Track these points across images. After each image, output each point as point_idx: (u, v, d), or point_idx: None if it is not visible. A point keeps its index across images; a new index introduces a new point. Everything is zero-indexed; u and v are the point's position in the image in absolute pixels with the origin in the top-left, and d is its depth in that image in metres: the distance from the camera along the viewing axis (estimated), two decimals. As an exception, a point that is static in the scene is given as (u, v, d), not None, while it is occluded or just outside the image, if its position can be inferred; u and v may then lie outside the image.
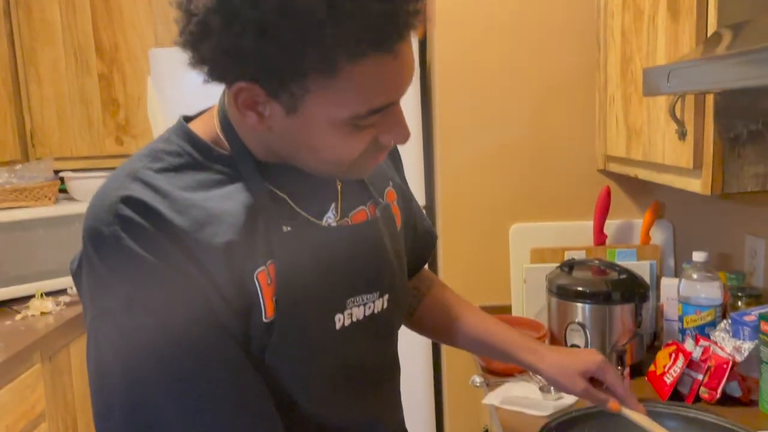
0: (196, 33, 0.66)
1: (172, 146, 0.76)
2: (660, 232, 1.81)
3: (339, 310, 0.81)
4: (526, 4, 1.78)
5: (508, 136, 1.83)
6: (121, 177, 0.73)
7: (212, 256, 0.71)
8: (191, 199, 0.72)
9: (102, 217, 0.70)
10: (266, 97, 0.68)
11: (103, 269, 0.70)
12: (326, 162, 0.75)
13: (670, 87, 1.01)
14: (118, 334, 0.70)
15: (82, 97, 2.52)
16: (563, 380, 0.99)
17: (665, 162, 1.33)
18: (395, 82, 0.70)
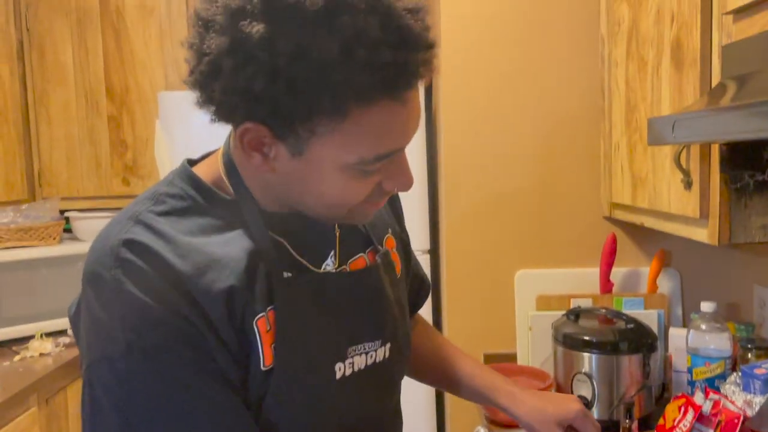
0: (207, 73, 0.66)
1: (175, 189, 0.76)
2: (667, 280, 1.79)
3: (340, 358, 0.80)
4: (531, 52, 1.80)
5: (513, 182, 1.83)
6: (124, 220, 0.72)
7: (213, 302, 0.70)
8: (193, 244, 0.71)
9: (103, 260, 0.69)
10: (272, 139, 0.68)
11: (103, 314, 0.69)
12: (329, 206, 0.74)
13: (675, 137, 1.01)
14: (115, 380, 0.68)
15: (92, 138, 2.54)
16: (540, 427, 0.97)
17: (671, 211, 1.32)
18: (402, 129, 0.70)
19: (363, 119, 0.66)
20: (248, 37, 0.62)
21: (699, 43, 1.17)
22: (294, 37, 0.62)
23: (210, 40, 0.65)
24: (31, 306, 2.31)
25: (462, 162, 1.84)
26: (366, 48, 0.62)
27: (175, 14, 2.51)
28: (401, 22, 0.64)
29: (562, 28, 1.79)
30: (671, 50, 1.29)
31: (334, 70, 0.62)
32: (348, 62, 0.62)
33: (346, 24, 0.62)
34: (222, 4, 0.65)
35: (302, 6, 0.62)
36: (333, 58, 0.62)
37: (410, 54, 0.65)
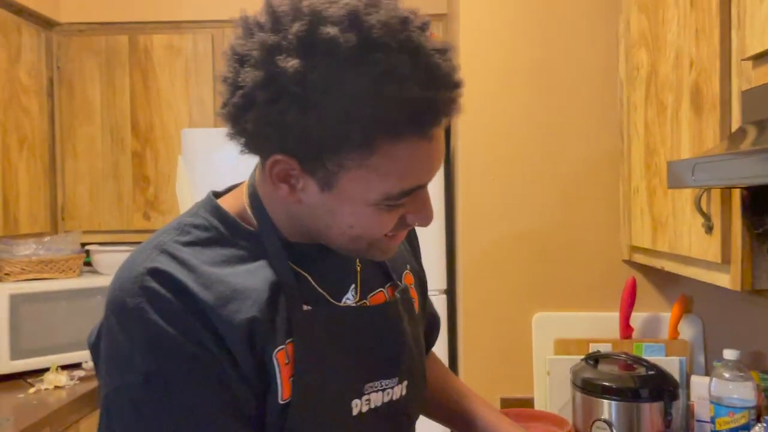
0: (241, 105, 0.68)
1: (199, 220, 0.77)
2: (689, 326, 1.76)
3: (356, 395, 0.79)
4: (550, 95, 1.81)
5: (531, 224, 1.83)
6: (149, 249, 0.73)
7: (234, 333, 0.70)
8: (217, 274, 0.72)
9: (127, 288, 0.70)
10: (300, 171, 0.70)
11: (124, 341, 0.69)
12: (353, 238, 0.75)
13: (696, 180, 1.00)
14: (133, 408, 0.69)
15: (115, 173, 2.59)
16: None
17: (692, 255, 1.30)
18: (427, 165, 0.72)
19: (390, 154, 0.67)
20: (283, 72, 0.64)
21: (718, 88, 1.17)
22: (327, 72, 0.64)
23: (245, 73, 0.67)
24: (48, 338, 2.32)
25: (480, 202, 1.84)
26: (396, 84, 0.64)
27: (201, 55, 2.58)
28: (430, 61, 0.66)
29: (581, 72, 1.80)
30: (690, 95, 1.30)
31: (364, 105, 0.64)
32: (378, 97, 0.64)
33: (378, 61, 0.64)
34: (258, 40, 0.67)
35: (337, 43, 0.64)
36: (363, 93, 0.64)
37: (438, 92, 0.67)
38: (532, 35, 1.82)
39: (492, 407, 1.08)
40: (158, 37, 2.58)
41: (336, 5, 0.65)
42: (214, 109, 2.58)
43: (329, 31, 0.64)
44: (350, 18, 0.65)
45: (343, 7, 0.65)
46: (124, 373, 0.69)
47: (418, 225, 0.77)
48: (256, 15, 0.70)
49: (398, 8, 0.67)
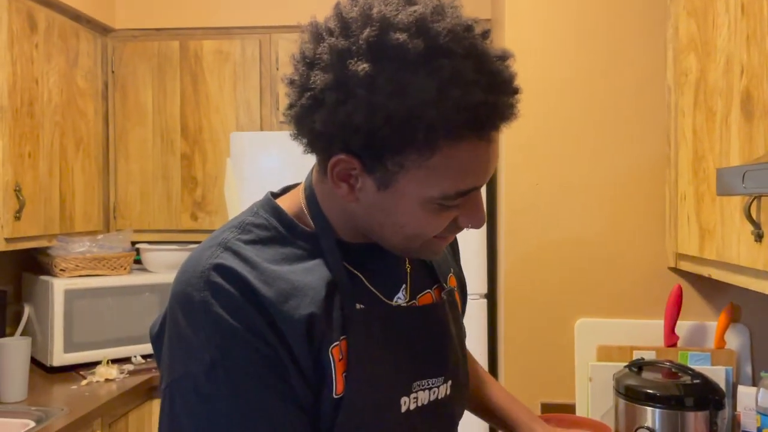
0: (309, 106, 0.71)
1: (260, 220, 0.80)
2: (735, 336, 1.73)
3: (405, 392, 0.81)
4: (597, 99, 1.81)
5: (574, 230, 1.82)
6: (213, 246, 0.76)
7: (294, 328, 0.73)
8: (277, 272, 0.75)
9: (193, 282, 0.73)
10: (361, 171, 0.72)
11: (189, 332, 0.72)
12: (406, 237, 0.77)
13: (746, 188, 1.00)
14: (196, 397, 0.71)
15: (165, 174, 2.67)
16: None
17: (740, 263, 1.29)
18: (484, 167, 0.74)
19: (450, 155, 0.70)
20: (353, 75, 0.67)
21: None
22: (395, 76, 0.67)
23: (315, 76, 0.70)
24: (99, 333, 2.40)
25: (523, 206, 1.84)
26: (461, 88, 0.66)
27: (249, 60, 2.64)
28: (492, 67, 0.69)
29: (629, 77, 1.79)
30: (741, 101, 1.28)
31: (430, 108, 0.66)
32: (443, 101, 0.66)
33: (444, 66, 0.66)
34: (329, 45, 0.70)
35: (405, 48, 0.67)
36: (430, 97, 0.66)
37: (499, 97, 0.70)
38: (579, 41, 1.81)
39: (511, 396, 1.13)
40: (208, 42, 2.65)
41: (404, 12, 0.68)
42: (260, 113, 2.64)
43: (398, 37, 0.66)
44: (418, 25, 0.67)
45: (411, 15, 0.68)
46: (189, 363, 0.72)
47: (470, 227, 0.79)
48: (326, 21, 0.73)
49: (462, 16, 0.70)
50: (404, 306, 0.84)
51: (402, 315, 0.83)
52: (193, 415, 0.71)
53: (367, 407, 0.77)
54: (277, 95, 2.62)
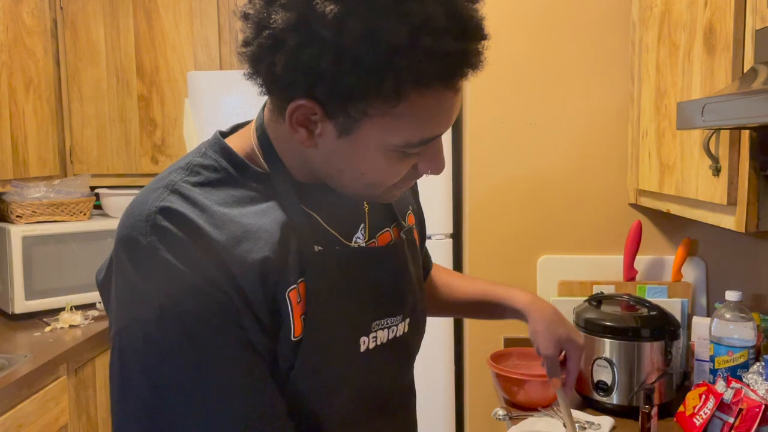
0: (268, 46, 0.67)
1: (208, 161, 0.76)
2: (692, 269, 1.78)
3: (365, 332, 0.81)
4: (561, 38, 1.79)
5: (538, 167, 1.83)
6: (159, 188, 0.73)
7: (247, 273, 0.70)
8: (228, 214, 0.72)
9: (139, 226, 0.70)
10: (323, 116, 0.69)
11: (137, 279, 0.70)
12: (365, 185, 0.75)
13: (705, 121, 1.00)
14: (146, 344, 0.69)
15: (122, 116, 2.59)
16: (542, 338, 1.04)
17: (698, 197, 1.31)
18: (448, 116, 0.72)
19: (416, 104, 0.67)
20: (320, 15, 0.63)
21: (732, 27, 1.15)
22: (364, 20, 0.63)
23: (275, 13, 0.66)
24: (61, 279, 2.37)
25: (487, 147, 1.83)
26: (431, 36, 0.64)
27: (206, -5, 2.53)
28: (464, 12, 0.66)
29: (593, 12, 1.77)
30: (704, 35, 1.28)
31: (400, 55, 0.63)
32: (414, 49, 0.63)
33: (415, 11, 0.63)
34: None
35: None
36: (400, 44, 0.63)
37: (469, 44, 0.67)
38: (544, -26, 1.77)
39: (476, 281, 1.17)
40: (161, -24, 2.53)
41: None
42: (219, 52, 2.55)
43: None
44: None
45: None
46: (138, 309, 0.69)
47: (430, 174, 0.77)
48: None
49: None
50: (363, 246, 0.83)
51: (361, 256, 0.83)
52: (143, 364, 0.69)
53: (326, 349, 0.77)
54: (237, 32, 2.53)
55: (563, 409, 1.09)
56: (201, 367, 0.69)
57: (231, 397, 0.70)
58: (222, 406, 0.69)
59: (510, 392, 1.51)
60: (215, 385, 0.70)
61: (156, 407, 0.69)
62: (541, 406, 1.46)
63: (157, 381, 0.69)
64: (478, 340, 1.86)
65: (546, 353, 1.05)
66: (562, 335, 1.04)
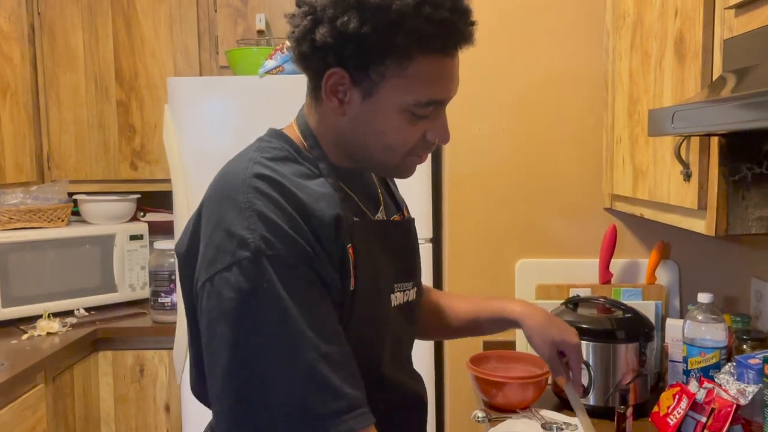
0: (309, 27, 0.85)
1: (273, 144, 0.91)
2: (666, 272, 1.82)
3: (392, 290, 0.96)
4: (536, 43, 1.82)
5: (515, 173, 1.86)
6: (245, 161, 0.87)
7: (325, 228, 0.83)
8: (301, 182, 0.86)
9: (236, 188, 0.83)
10: (350, 84, 0.86)
11: (236, 228, 0.80)
12: (386, 147, 0.90)
13: (675, 128, 1.03)
14: (241, 279, 0.78)
15: (100, 122, 2.57)
16: (537, 343, 1.14)
17: (670, 202, 1.34)
18: (449, 82, 0.89)
19: (422, 66, 0.84)
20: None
21: (701, 36, 1.19)
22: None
23: (315, 2, 0.84)
24: (38, 286, 2.34)
25: (465, 152, 1.86)
26: (431, 6, 0.82)
27: (186, 1, 2.53)
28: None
29: (568, 20, 1.81)
30: (674, 44, 1.31)
31: (408, 20, 0.81)
32: (418, 15, 0.81)
33: None
34: None
35: None
36: (408, 11, 0.81)
37: (461, 18, 0.85)
38: (520, -17, 1.80)
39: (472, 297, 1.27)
40: (140, -18, 2.52)
41: None
42: (199, 58, 2.55)
43: None
44: None
45: None
46: (235, 251, 0.79)
47: (438, 142, 0.92)
48: None
49: None
50: (386, 220, 1.00)
51: (385, 227, 0.99)
52: (236, 299, 0.78)
53: (371, 300, 0.90)
54: (216, 38, 2.54)
55: (573, 402, 1.17)
56: (286, 301, 0.79)
57: (309, 329, 0.79)
58: (301, 336, 0.79)
59: (489, 394, 1.53)
60: (296, 319, 0.79)
61: (245, 336, 0.79)
62: (519, 407, 1.49)
63: (248, 312, 0.79)
64: (458, 343, 1.88)
65: (543, 356, 1.15)
66: (556, 337, 1.14)
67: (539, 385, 1.51)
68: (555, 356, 1.15)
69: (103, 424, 2.33)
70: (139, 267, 2.55)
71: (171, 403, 2.33)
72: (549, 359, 1.15)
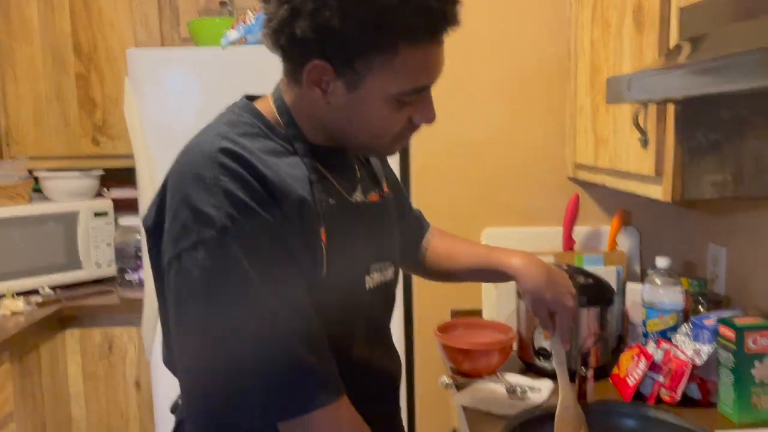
0: (287, 17, 0.80)
1: (243, 118, 0.88)
2: (627, 239, 1.86)
3: (367, 272, 0.95)
4: (500, 12, 1.82)
5: (481, 143, 1.87)
6: (212, 136, 0.84)
7: (292, 208, 0.82)
8: (270, 160, 0.84)
9: (202, 163, 0.81)
10: (333, 75, 0.83)
11: (201, 205, 0.79)
12: (372, 135, 0.89)
13: (631, 95, 1.05)
14: (207, 258, 0.78)
15: (59, 96, 2.50)
16: (530, 302, 1.14)
17: (629, 169, 1.37)
18: (435, 67, 0.87)
19: (408, 56, 0.82)
20: None
21: (659, 5, 1.21)
22: None
23: None
24: (1, 265, 2.30)
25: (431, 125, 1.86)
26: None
27: (144, -29, 2.46)
28: None
29: (531, -10, 1.81)
30: (633, 13, 1.33)
31: (394, 13, 0.78)
32: (404, 7, 0.78)
33: None
34: None
35: None
36: (393, 4, 0.77)
37: (447, 4, 0.83)
38: (484, -49, 1.80)
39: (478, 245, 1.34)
40: (96, -50, 2.44)
41: None
42: (160, 29, 2.49)
43: None
44: None
45: None
46: (201, 229, 0.78)
47: (424, 123, 0.92)
48: None
49: None
50: (362, 201, 0.98)
51: (362, 208, 0.97)
52: (204, 277, 0.78)
53: (343, 284, 0.89)
54: (177, 9, 2.48)
55: (555, 357, 1.17)
56: (254, 279, 0.78)
57: (277, 306, 0.79)
58: (270, 313, 0.79)
59: (456, 361, 1.55)
60: (264, 297, 0.79)
61: (214, 315, 0.78)
62: (485, 373, 1.52)
63: (216, 291, 0.78)
64: (427, 312, 1.91)
65: (535, 314, 1.15)
66: (549, 299, 1.12)
67: (504, 351, 1.55)
68: (546, 317, 1.14)
69: (72, 402, 2.31)
70: (105, 244, 2.52)
71: (141, 379, 2.33)
72: (538, 315, 1.15)
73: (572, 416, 1.14)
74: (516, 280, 1.15)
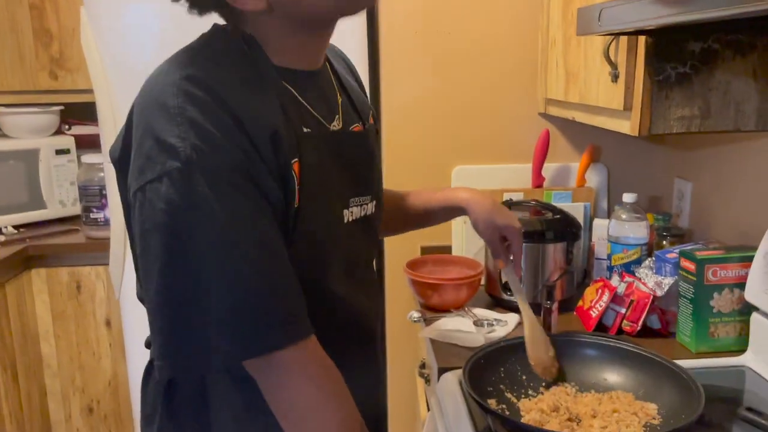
0: None
1: (212, 45, 0.84)
2: (595, 175, 1.87)
3: (346, 206, 0.92)
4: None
5: (451, 79, 1.84)
6: (176, 63, 0.80)
7: (262, 140, 0.78)
8: (239, 88, 0.80)
9: (167, 91, 0.76)
10: None
11: (166, 135, 0.74)
12: None
13: (601, 25, 1.03)
14: (172, 191, 0.74)
15: (13, 27, 2.38)
16: (481, 226, 1.18)
17: (599, 104, 1.36)
18: None
19: None
20: None
21: (633, -69, 1.17)
22: None
23: None
24: (-40, 204, 2.24)
25: (400, 59, 1.82)
26: None
27: None
28: None
29: None
30: (607, -60, 1.28)
31: None
32: None
33: None
34: None
35: None
36: None
37: None
38: None
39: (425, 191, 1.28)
40: None
41: None
42: (117, -44, 2.35)
43: None
44: None
45: None
46: (165, 161, 0.74)
47: None
48: None
49: None
50: (341, 131, 0.93)
51: (340, 139, 0.93)
52: (169, 212, 0.74)
53: (318, 217, 0.86)
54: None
55: (512, 284, 1.23)
56: (219, 213, 0.75)
57: (243, 241, 0.76)
58: (235, 248, 0.76)
59: (425, 296, 1.57)
60: (230, 231, 0.76)
61: (178, 249, 0.75)
62: (453, 307, 1.54)
63: (180, 224, 0.75)
64: (397, 249, 1.91)
65: (486, 239, 1.19)
66: (499, 222, 1.16)
67: (472, 285, 1.57)
68: (497, 240, 1.18)
69: (42, 341, 2.31)
70: (68, 182, 2.46)
71: (111, 318, 2.32)
72: (490, 242, 1.19)
73: (540, 336, 1.18)
74: (467, 211, 1.19)
